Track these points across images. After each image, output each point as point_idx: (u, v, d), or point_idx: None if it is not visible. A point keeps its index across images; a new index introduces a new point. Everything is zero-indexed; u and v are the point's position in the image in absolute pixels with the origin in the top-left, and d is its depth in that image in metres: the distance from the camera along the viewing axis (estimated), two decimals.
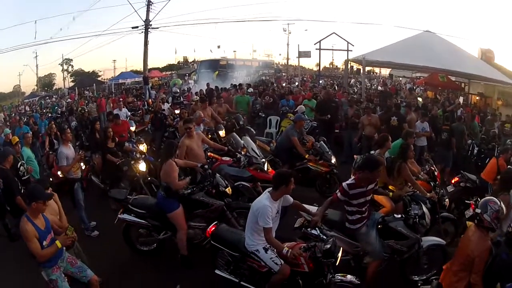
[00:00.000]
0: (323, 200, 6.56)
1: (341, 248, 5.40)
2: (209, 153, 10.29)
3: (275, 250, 5.75)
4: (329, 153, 10.89)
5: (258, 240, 5.81)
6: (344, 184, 6.36)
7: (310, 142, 11.27)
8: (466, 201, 8.52)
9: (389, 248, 6.51)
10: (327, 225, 6.58)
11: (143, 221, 7.88)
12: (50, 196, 5.73)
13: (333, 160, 10.87)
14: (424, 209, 6.79)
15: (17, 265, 6.86)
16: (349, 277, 5.62)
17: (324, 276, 5.52)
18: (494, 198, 5.29)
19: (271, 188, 5.84)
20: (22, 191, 8.41)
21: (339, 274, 5.65)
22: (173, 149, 7.90)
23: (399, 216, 6.69)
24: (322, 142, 11.08)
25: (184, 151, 9.25)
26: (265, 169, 9.75)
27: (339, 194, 6.34)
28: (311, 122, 14.37)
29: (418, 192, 7.64)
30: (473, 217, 5.35)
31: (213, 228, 6.52)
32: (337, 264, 5.45)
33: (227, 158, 9.96)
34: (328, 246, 5.23)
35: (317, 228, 6.11)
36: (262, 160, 9.86)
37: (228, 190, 8.28)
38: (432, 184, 8.43)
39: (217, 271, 6.43)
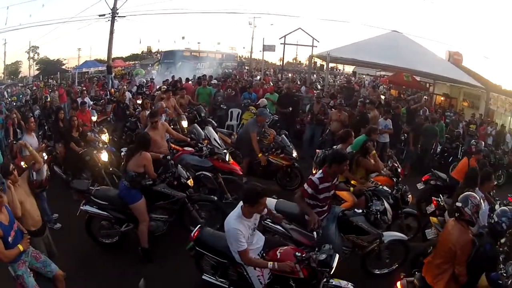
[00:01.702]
0: (284, 193, 6.63)
1: (337, 256, 5.27)
2: (171, 145, 10.32)
3: None
4: (290, 147, 10.93)
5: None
6: (314, 178, 6.40)
7: (271, 135, 11.32)
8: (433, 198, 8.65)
9: (350, 242, 6.54)
10: (287, 218, 6.58)
11: (105, 213, 7.76)
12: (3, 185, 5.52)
13: (294, 154, 10.92)
14: (386, 204, 6.84)
15: None
16: (343, 282, 5.48)
17: (318, 281, 5.31)
18: (474, 193, 5.48)
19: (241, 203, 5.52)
20: None
21: (334, 279, 5.47)
22: (148, 141, 7.81)
23: (360, 211, 6.70)
24: (283, 135, 11.14)
25: (153, 139, 9.00)
26: (227, 159, 9.67)
27: (307, 188, 6.37)
28: (273, 116, 14.51)
29: (381, 186, 7.78)
30: (453, 212, 5.49)
31: (197, 233, 6.21)
32: (332, 272, 5.27)
33: (189, 148, 9.94)
34: (324, 257, 5.08)
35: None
36: (224, 151, 9.79)
37: (190, 181, 8.22)
38: (394, 180, 8.48)
39: (204, 277, 6.32)
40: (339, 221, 6.61)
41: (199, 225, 6.54)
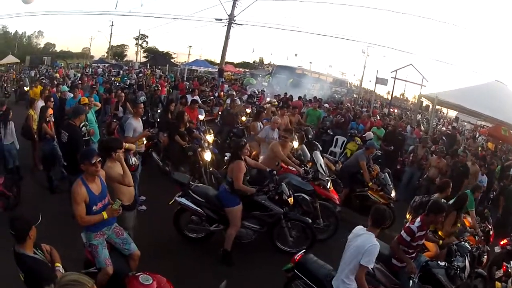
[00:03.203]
0: None
1: None
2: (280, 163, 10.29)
3: None
4: (391, 186, 10.81)
5: (353, 281, 5.45)
6: (412, 226, 6.55)
7: (375, 171, 11.33)
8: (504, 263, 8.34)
9: None
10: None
11: (199, 209, 8.13)
12: (96, 159, 5.56)
13: (393, 194, 10.79)
14: (467, 262, 6.92)
15: (55, 218, 7.18)
16: None
17: None
18: None
19: (362, 228, 5.65)
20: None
21: None
22: (242, 149, 8.03)
23: (443, 264, 6.82)
24: (386, 174, 11.04)
25: (276, 154, 9.82)
26: (328, 187, 9.73)
27: (406, 236, 6.54)
28: (376, 151, 13.68)
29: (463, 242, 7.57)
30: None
31: (300, 257, 6.22)
32: None
33: (293, 169, 9.98)
34: None
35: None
36: (326, 178, 9.85)
37: (290, 200, 8.25)
38: (476, 239, 8.55)
39: None
40: (420, 270, 6.66)
41: (304, 249, 6.71)
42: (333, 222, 9.47)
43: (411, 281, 6.15)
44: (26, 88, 22.66)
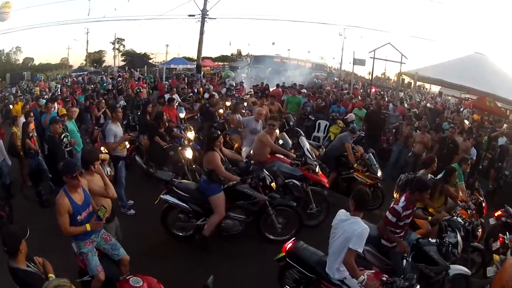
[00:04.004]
0: (365, 213, 6.65)
1: (418, 287, 5.24)
2: None
3: None
4: (376, 166, 10.96)
5: None
6: (397, 207, 6.49)
7: (359, 152, 11.34)
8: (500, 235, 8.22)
9: (418, 270, 6.47)
10: None
11: (185, 205, 8.19)
12: (78, 172, 5.64)
13: (379, 174, 10.91)
14: (459, 237, 6.88)
15: (48, 232, 7.11)
16: None
17: None
18: None
19: (344, 211, 5.66)
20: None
21: None
22: (215, 140, 8.20)
23: (434, 240, 6.81)
24: (371, 154, 11.18)
25: (266, 143, 9.81)
26: (316, 171, 9.83)
27: (391, 217, 6.48)
28: (359, 132, 13.70)
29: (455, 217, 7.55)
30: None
31: (291, 245, 6.30)
32: None
33: (280, 156, 10.12)
34: (406, 284, 5.08)
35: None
36: (315, 162, 9.93)
37: (273, 185, 8.47)
38: (468, 212, 8.42)
39: None
40: (412, 248, 6.66)
41: (293, 238, 6.61)
42: (325, 207, 9.48)
43: (404, 261, 6.26)
44: (11, 106, 22.58)
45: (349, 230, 5.31)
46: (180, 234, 8.69)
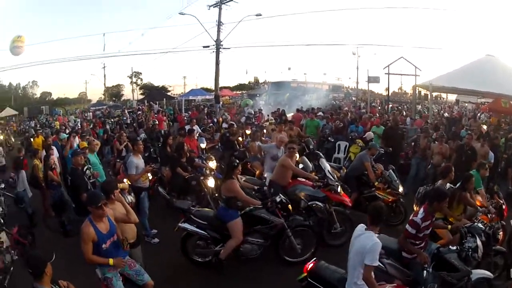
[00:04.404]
0: (387, 229, 6.90)
1: None
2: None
3: None
4: (397, 182, 10.96)
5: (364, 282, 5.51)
6: (416, 218, 6.56)
7: (379, 170, 11.29)
8: None
9: (440, 279, 6.49)
10: (385, 253, 6.61)
11: (203, 232, 8.39)
12: (102, 202, 5.86)
13: (401, 189, 10.86)
14: (478, 242, 6.91)
15: (72, 259, 7.21)
16: None
17: None
18: None
19: (363, 226, 5.76)
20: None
21: None
22: (234, 169, 8.48)
23: (454, 247, 6.84)
24: (391, 170, 11.23)
25: (288, 167, 9.92)
26: (338, 191, 9.84)
27: (410, 230, 6.55)
28: (378, 150, 13.43)
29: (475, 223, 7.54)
30: None
31: (312, 265, 6.34)
32: None
33: (302, 179, 10.15)
34: None
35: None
36: (336, 183, 9.93)
37: (289, 206, 8.67)
38: (489, 216, 8.43)
39: None
40: (433, 258, 6.65)
41: (314, 258, 6.63)
42: (349, 226, 9.45)
43: (425, 272, 6.31)
44: (32, 139, 23.05)
45: (362, 245, 5.44)
46: (199, 260, 8.82)
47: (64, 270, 5.75)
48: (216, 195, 11.59)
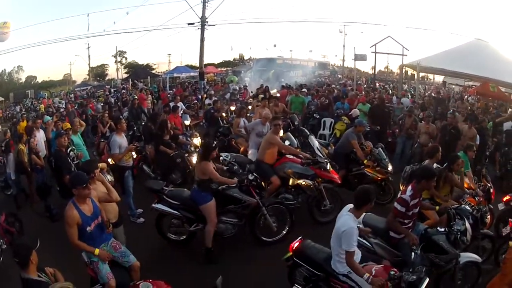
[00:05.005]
0: (376, 207, 6.60)
1: (427, 280, 5.24)
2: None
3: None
4: (386, 160, 10.91)
5: None
6: (405, 196, 6.52)
7: (368, 148, 11.30)
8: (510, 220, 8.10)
9: (428, 260, 6.46)
10: (373, 232, 6.66)
11: (176, 212, 8.37)
12: (87, 180, 5.83)
13: (390, 168, 10.83)
14: (467, 225, 6.83)
15: (59, 244, 6.95)
16: None
17: None
18: None
19: (350, 206, 5.77)
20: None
21: None
22: (210, 151, 8.27)
23: (442, 229, 6.74)
24: (380, 148, 11.10)
25: (275, 144, 9.83)
26: (328, 168, 9.83)
27: (399, 207, 6.49)
28: (365, 127, 13.29)
29: (463, 205, 7.55)
30: None
31: (297, 244, 6.36)
32: None
33: (291, 156, 10.08)
34: (414, 278, 5.09)
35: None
36: (325, 160, 9.96)
37: (262, 183, 8.75)
38: (476, 199, 8.47)
39: None
40: (421, 239, 6.58)
41: (300, 237, 6.57)
42: (339, 203, 9.47)
43: (413, 253, 6.17)
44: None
45: (338, 226, 5.54)
46: (174, 238, 8.87)
47: (50, 256, 5.80)
48: None
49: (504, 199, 9.23)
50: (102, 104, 27.35)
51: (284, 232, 8.76)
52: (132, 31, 40.60)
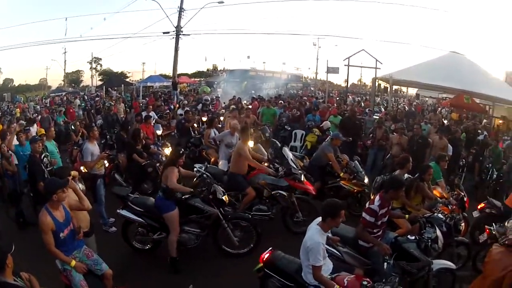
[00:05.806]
0: (352, 219, 7.06)
1: None
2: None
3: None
4: (362, 172, 10.92)
5: None
6: (373, 206, 6.53)
7: (344, 160, 11.37)
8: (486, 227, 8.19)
9: (399, 268, 6.51)
10: (341, 241, 6.66)
11: (139, 219, 8.28)
12: (65, 184, 5.85)
13: (366, 180, 10.83)
14: (438, 233, 6.85)
15: (34, 250, 6.86)
16: None
17: None
18: None
19: (319, 220, 5.75)
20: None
21: None
22: (178, 157, 8.26)
23: (413, 237, 6.73)
24: (356, 161, 11.15)
25: (243, 156, 9.65)
26: (302, 179, 9.76)
27: (368, 217, 6.48)
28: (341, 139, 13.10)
29: (435, 214, 7.62)
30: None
31: (268, 255, 6.29)
32: None
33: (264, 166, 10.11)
34: None
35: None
36: (299, 171, 9.92)
37: (225, 198, 8.47)
38: (449, 208, 8.44)
39: None
40: (392, 248, 6.57)
41: (270, 248, 6.53)
42: (313, 214, 9.07)
43: (385, 264, 6.25)
44: None
45: (305, 238, 5.61)
46: (139, 246, 8.80)
47: (25, 260, 5.55)
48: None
49: (479, 206, 9.56)
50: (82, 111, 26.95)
51: (252, 246, 8.63)
52: (108, 37, 40.62)
